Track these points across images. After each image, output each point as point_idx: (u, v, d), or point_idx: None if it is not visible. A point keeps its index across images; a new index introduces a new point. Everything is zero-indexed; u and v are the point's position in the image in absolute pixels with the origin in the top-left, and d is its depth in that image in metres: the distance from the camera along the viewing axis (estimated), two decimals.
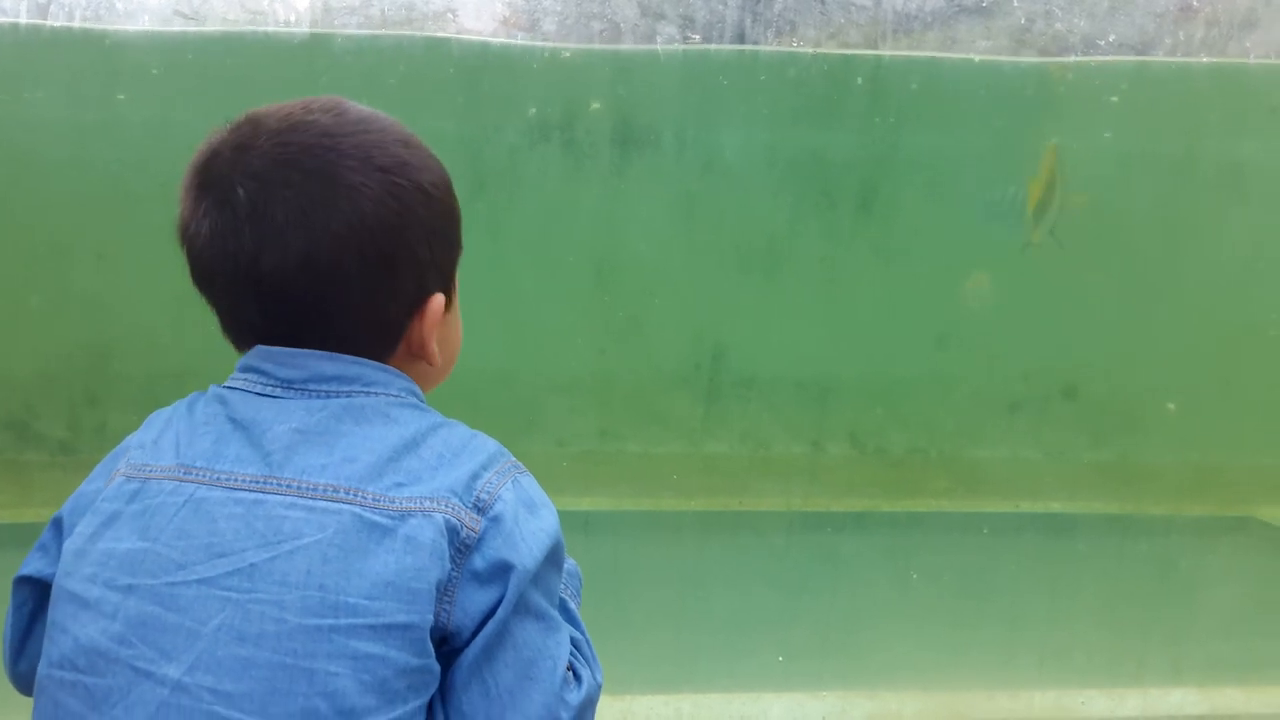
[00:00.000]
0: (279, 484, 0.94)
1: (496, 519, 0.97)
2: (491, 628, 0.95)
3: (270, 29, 3.09)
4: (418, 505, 0.94)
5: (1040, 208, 3.47)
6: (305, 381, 1.00)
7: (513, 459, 1.04)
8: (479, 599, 0.95)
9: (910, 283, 3.63)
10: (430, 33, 3.21)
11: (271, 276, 0.98)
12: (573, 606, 1.14)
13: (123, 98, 3.15)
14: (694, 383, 3.57)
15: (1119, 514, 3.87)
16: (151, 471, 0.98)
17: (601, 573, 1.54)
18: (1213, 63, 3.48)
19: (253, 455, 0.96)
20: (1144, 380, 3.77)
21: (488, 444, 1.03)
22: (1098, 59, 3.44)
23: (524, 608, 0.97)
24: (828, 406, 3.68)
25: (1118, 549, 3.83)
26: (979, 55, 3.42)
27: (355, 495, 0.93)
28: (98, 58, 3.09)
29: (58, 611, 0.96)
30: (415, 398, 1.05)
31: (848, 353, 3.68)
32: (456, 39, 3.23)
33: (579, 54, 3.28)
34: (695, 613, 3.45)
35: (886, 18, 3.32)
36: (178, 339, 3.06)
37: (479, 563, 0.95)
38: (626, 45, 3.28)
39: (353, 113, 1.03)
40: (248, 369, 1.03)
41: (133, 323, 3.29)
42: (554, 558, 1.02)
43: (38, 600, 1.06)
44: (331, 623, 0.89)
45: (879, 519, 3.84)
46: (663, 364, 3.62)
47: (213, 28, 3.10)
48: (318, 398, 1.00)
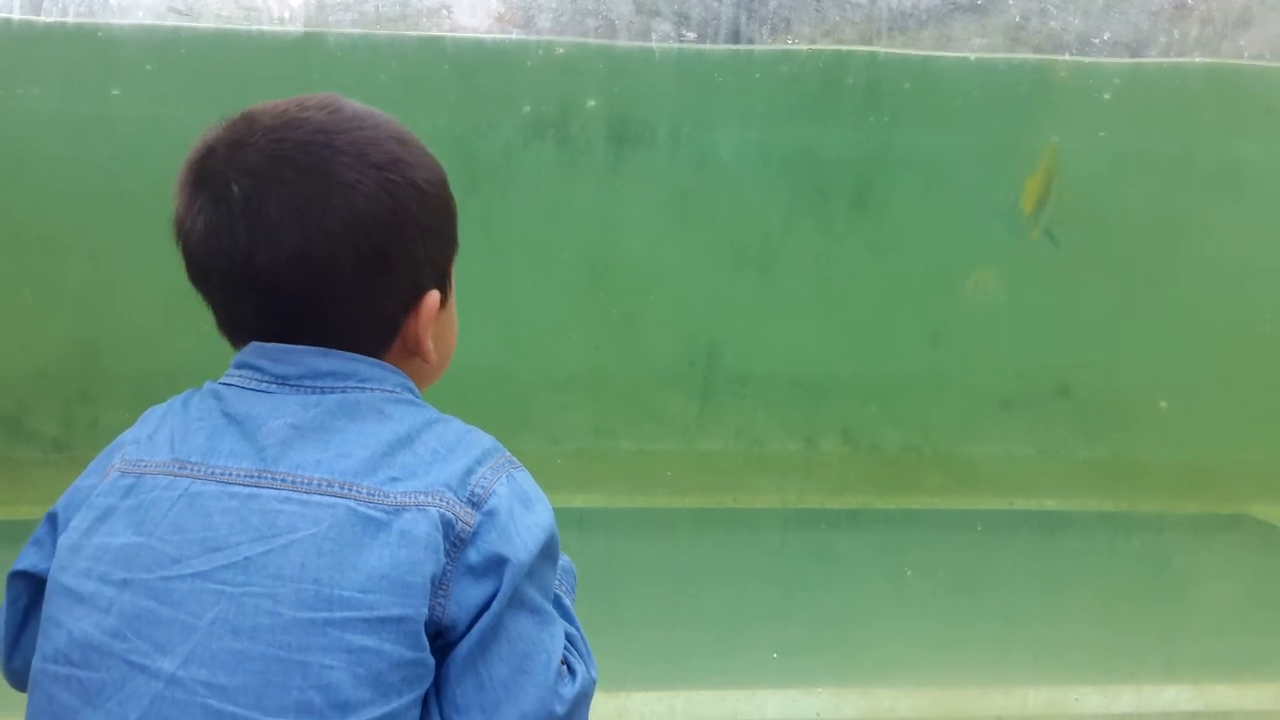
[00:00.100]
0: (273, 478, 0.94)
1: (491, 513, 0.97)
2: (486, 621, 0.95)
3: (264, 26, 3.08)
4: (412, 500, 0.94)
5: (1038, 205, 3.47)
6: (300, 377, 1.01)
7: (507, 454, 1.05)
8: (474, 593, 0.95)
9: (905, 280, 3.63)
10: (425, 29, 3.20)
11: (266, 273, 0.98)
12: (567, 603, 1.15)
13: (117, 93, 3.15)
14: (688, 380, 3.57)
15: (1113, 511, 3.88)
16: (146, 467, 0.98)
17: (596, 570, 1.54)
18: (1207, 62, 3.49)
19: (247, 450, 0.96)
20: (1138, 378, 3.77)
21: (482, 439, 1.04)
22: (1092, 58, 3.45)
23: (518, 601, 0.97)
24: (822, 404, 3.69)
25: (1111, 546, 3.84)
26: (974, 53, 3.43)
27: (350, 490, 0.93)
28: (91, 53, 3.08)
29: (52, 606, 0.96)
30: (410, 394, 1.06)
31: (842, 350, 3.68)
32: (451, 36, 3.23)
33: (574, 51, 3.28)
34: (690, 609, 3.45)
35: (881, 15, 3.32)
36: (171, 336, 3.05)
37: (474, 556, 0.95)
38: (621, 42, 3.27)
39: (348, 110, 1.03)
40: (243, 365, 1.03)
41: (126, 320, 3.28)
42: (549, 552, 1.02)
43: (32, 595, 1.06)
44: (326, 616, 0.89)
45: (873, 516, 3.84)
46: (657, 361, 3.62)
47: (207, 24, 3.09)
48: (313, 393, 1.00)
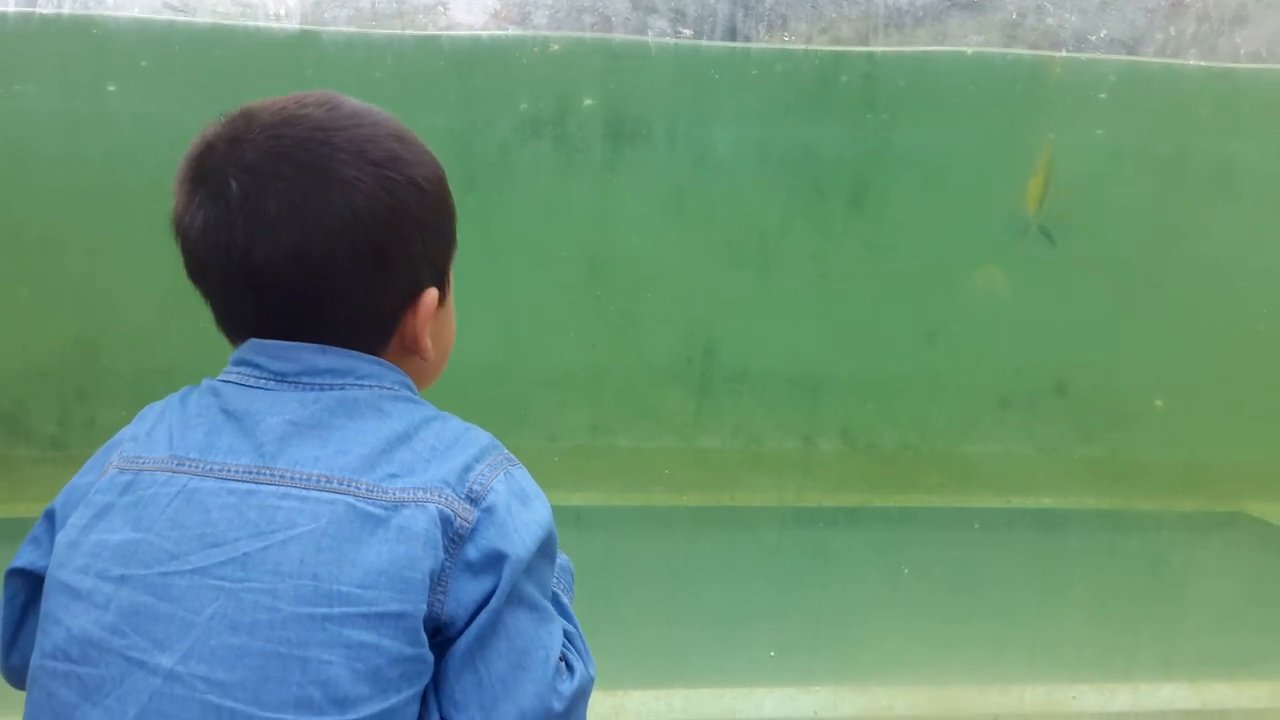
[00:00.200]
0: (272, 474, 0.94)
1: (489, 510, 0.97)
2: (484, 617, 0.95)
3: (260, 23, 3.08)
4: (411, 496, 0.94)
5: (1039, 204, 3.48)
6: (298, 374, 1.00)
7: (505, 452, 1.05)
8: (472, 589, 0.95)
9: (901, 278, 3.63)
10: (421, 26, 3.20)
11: (264, 270, 0.98)
12: (565, 601, 1.15)
13: (113, 89, 3.14)
14: (686, 378, 3.57)
15: (1110, 509, 3.88)
16: (144, 463, 0.98)
17: (593, 568, 1.54)
18: (1204, 63, 3.49)
19: (246, 446, 0.96)
20: (1135, 376, 3.78)
21: (480, 437, 1.04)
22: (1088, 55, 3.45)
23: (517, 598, 0.97)
24: (819, 402, 3.69)
25: (1108, 544, 3.84)
26: (971, 50, 3.43)
27: (348, 486, 0.93)
28: (86, 47, 3.08)
29: (50, 603, 0.96)
30: (408, 391, 1.06)
31: (839, 348, 3.68)
32: (447, 33, 3.23)
33: (570, 48, 3.28)
34: (687, 608, 3.45)
35: (878, 13, 3.32)
36: (167, 335, 3.05)
37: (472, 553, 0.95)
38: (618, 38, 3.27)
39: (346, 107, 1.03)
40: (241, 362, 1.03)
41: (123, 318, 3.28)
42: (547, 549, 1.02)
43: (30, 593, 1.06)
44: (325, 611, 0.89)
45: (870, 514, 3.84)
46: (654, 359, 3.62)
47: (203, 19, 3.09)
48: (311, 390, 1.00)
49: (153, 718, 0.89)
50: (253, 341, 1.03)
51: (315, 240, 0.97)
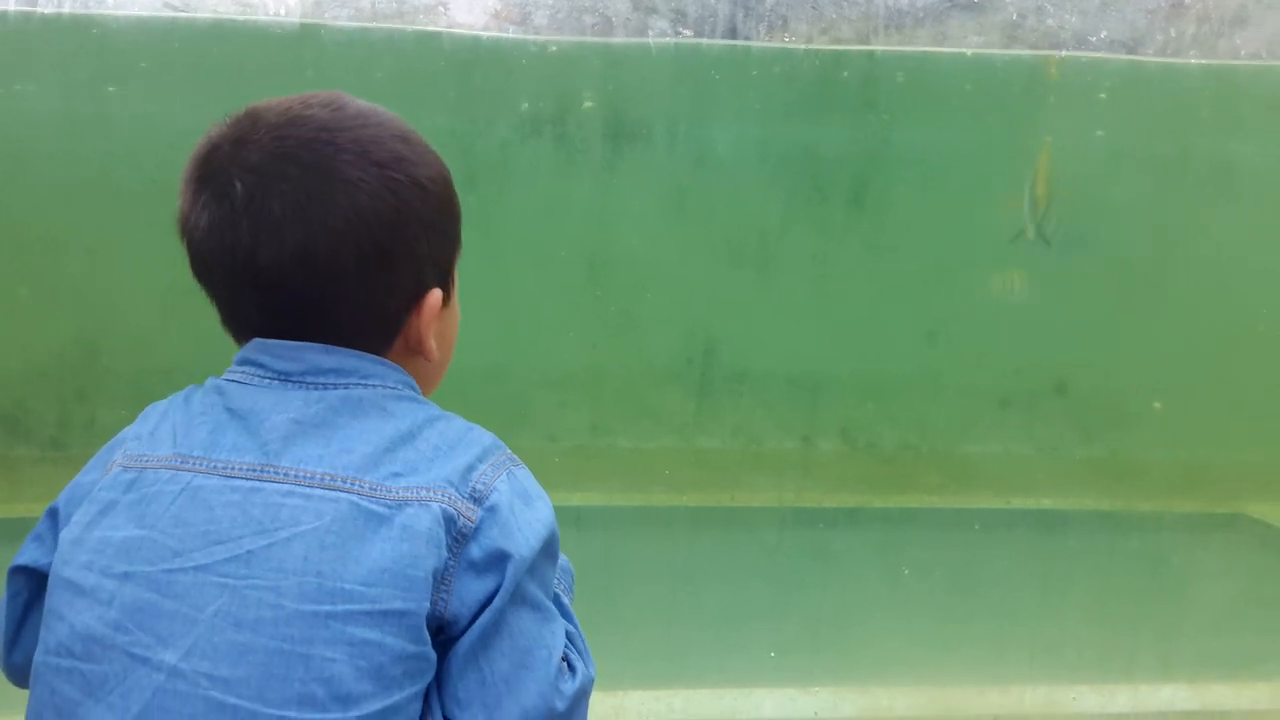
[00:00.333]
0: (276, 472, 0.94)
1: (493, 509, 0.97)
2: (488, 617, 0.95)
3: (261, 20, 3.08)
4: (414, 495, 0.94)
5: (1037, 204, 3.48)
6: (302, 374, 1.01)
7: (508, 452, 1.05)
8: (476, 588, 0.95)
9: (901, 278, 3.63)
10: (421, 26, 3.20)
11: (269, 270, 0.98)
12: (565, 601, 1.15)
13: (112, 89, 3.14)
14: (686, 378, 3.57)
15: (1110, 510, 3.88)
16: (148, 461, 0.98)
17: (593, 568, 1.54)
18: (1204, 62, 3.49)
19: (250, 444, 0.96)
20: (1135, 377, 3.78)
21: (483, 437, 1.04)
22: (1089, 54, 3.45)
23: (520, 597, 0.97)
24: (819, 402, 3.69)
25: (1108, 545, 3.84)
26: (971, 50, 3.43)
27: (352, 484, 0.94)
28: (87, 46, 3.08)
29: (54, 599, 0.96)
30: (412, 390, 1.06)
31: (839, 348, 3.68)
32: (447, 32, 3.23)
33: (570, 48, 3.28)
34: (687, 608, 3.45)
35: (878, 13, 3.32)
36: (167, 335, 3.05)
37: (476, 552, 0.96)
38: (618, 39, 3.27)
39: (351, 108, 1.04)
40: (245, 361, 1.03)
41: (122, 318, 3.28)
42: (549, 549, 1.02)
43: (33, 590, 1.06)
44: (329, 609, 0.89)
45: (870, 514, 3.84)
46: (654, 359, 3.62)
47: (204, 14, 3.09)
48: (315, 389, 1.00)
49: (156, 714, 0.89)
50: (257, 341, 1.03)
51: (319, 241, 0.97)
